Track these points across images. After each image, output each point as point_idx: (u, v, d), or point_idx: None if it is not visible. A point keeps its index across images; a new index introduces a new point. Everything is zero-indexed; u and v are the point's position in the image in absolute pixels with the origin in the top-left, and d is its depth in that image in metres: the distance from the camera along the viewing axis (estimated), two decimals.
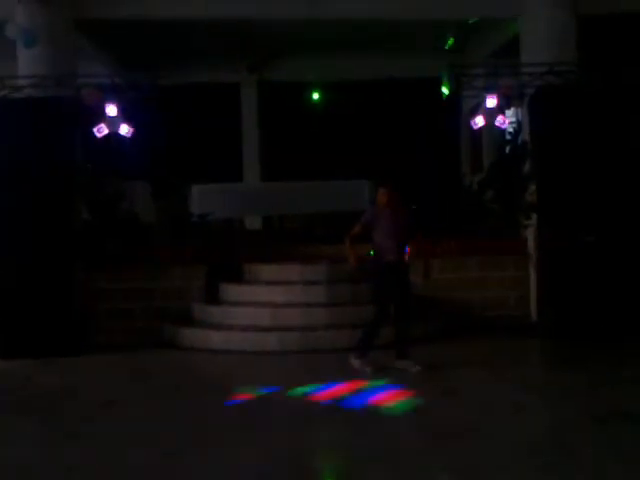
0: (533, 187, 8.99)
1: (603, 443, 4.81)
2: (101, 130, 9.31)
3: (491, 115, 9.55)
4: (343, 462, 4.75)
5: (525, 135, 9.42)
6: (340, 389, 6.37)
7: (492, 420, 5.46)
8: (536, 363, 8.00)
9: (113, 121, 9.38)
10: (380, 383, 6.55)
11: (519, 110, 9.84)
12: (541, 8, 9.51)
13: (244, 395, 6.27)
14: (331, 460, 4.86)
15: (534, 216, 9.04)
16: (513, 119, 10.09)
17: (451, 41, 12.02)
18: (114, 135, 9.69)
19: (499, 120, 9.58)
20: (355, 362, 7.05)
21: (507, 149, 9.96)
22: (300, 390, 6.36)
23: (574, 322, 8.33)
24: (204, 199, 11.48)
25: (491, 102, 9.16)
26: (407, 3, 9.87)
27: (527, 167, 9.26)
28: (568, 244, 8.47)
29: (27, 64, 9.28)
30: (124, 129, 9.68)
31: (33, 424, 5.61)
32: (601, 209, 8.50)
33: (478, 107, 9.81)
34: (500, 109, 9.38)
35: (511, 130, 9.88)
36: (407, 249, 7.04)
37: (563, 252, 8.49)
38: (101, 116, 9.16)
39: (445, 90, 9.28)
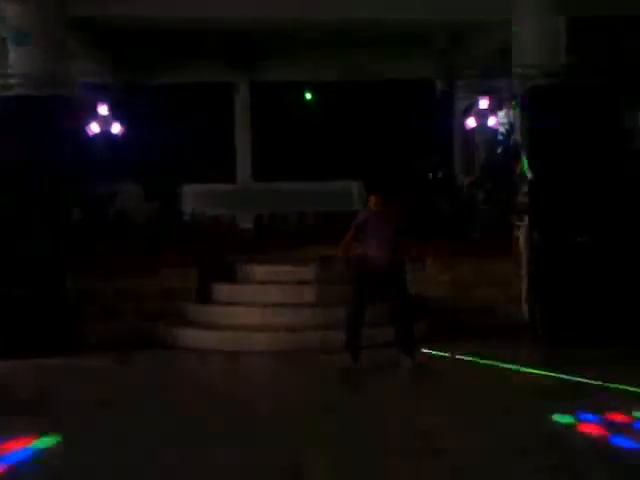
0: (525, 188, 9.01)
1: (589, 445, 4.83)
2: (92, 129, 9.31)
3: (483, 116, 9.59)
4: None
5: (517, 136, 9.44)
6: None
7: (478, 420, 5.48)
8: (526, 364, 8.00)
9: (105, 120, 9.37)
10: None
11: (511, 111, 9.87)
12: (532, 11, 9.53)
13: None
14: None
15: (526, 217, 9.07)
16: (505, 120, 10.12)
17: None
18: (105, 134, 9.69)
19: (491, 121, 9.63)
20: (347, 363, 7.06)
21: (499, 150, 9.99)
22: None
23: (565, 323, 8.35)
24: (196, 199, 11.49)
25: (483, 103, 9.20)
26: (399, 4, 9.86)
27: (519, 168, 9.28)
28: (560, 245, 8.49)
29: (18, 62, 9.22)
30: (116, 128, 9.67)
31: (21, 424, 5.58)
32: (593, 210, 8.52)
33: (471, 108, 9.84)
34: (492, 110, 9.42)
35: (503, 131, 9.91)
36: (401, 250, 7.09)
37: (555, 253, 8.51)
38: (93, 115, 9.15)
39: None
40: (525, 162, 8.87)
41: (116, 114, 9.36)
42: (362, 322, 7.11)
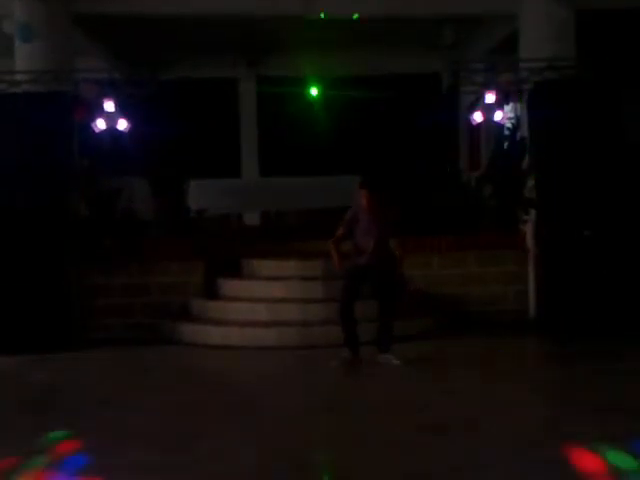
0: (531, 182, 8.99)
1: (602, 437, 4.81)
2: (99, 125, 9.31)
3: (490, 111, 9.54)
4: None
5: (524, 131, 9.41)
6: None
7: (490, 415, 5.46)
8: (534, 358, 8.00)
9: (111, 116, 9.36)
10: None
11: (517, 106, 9.83)
12: (540, 3, 9.49)
13: None
14: None
15: (532, 211, 9.05)
16: (512, 115, 10.07)
17: None
18: (112, 131, 9.69)
19: (498, 116, 9.57)
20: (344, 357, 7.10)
21: (505, 145, 9.95)
22: None
23: (573, 317, 8.33)
24: (202, 194, 11.47)
25: (490, 98, 9.15)
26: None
27: (525, 163, 9.26)
28: (567, 239, 8.46)
29: (25, 59, 9.25)
30: (122, 124, 9.66)
31: (32, 420, 5.59)
32: (600, 203, 8.49)
33: (477, 103, 9.80)
34: (499, 105, 9.37)
35: (509, 126, 9.87)
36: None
37: (562, 247, 8.49)
38: (99, 111, 9.15)
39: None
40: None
41: (122, 110, 9.34)
42: (354, 318, 7.08)
